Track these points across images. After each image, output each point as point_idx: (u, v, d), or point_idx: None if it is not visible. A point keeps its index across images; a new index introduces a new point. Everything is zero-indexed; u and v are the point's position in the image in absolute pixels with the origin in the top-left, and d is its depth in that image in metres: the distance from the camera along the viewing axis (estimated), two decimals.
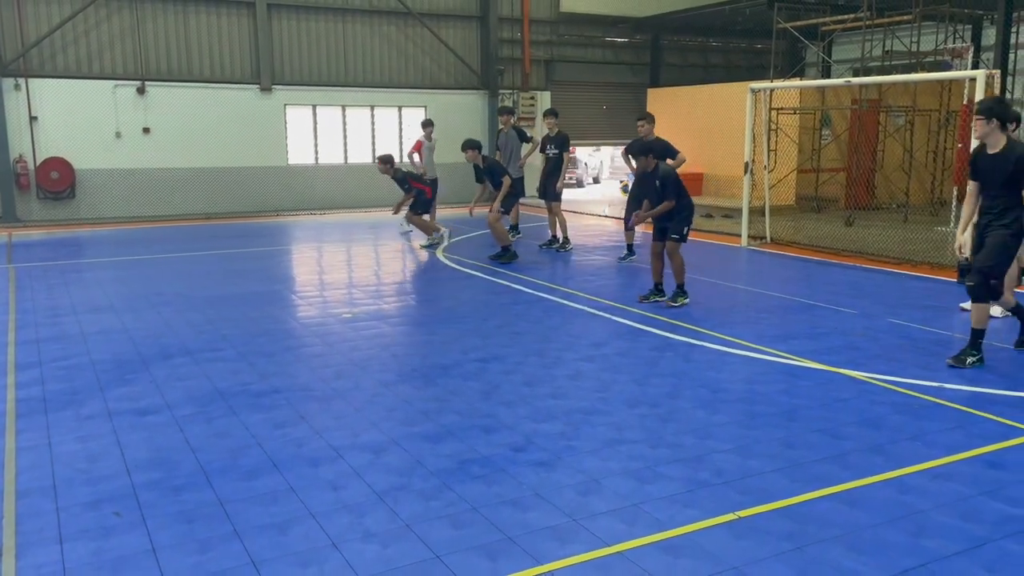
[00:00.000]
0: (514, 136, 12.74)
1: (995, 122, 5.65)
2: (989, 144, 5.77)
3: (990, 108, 5.70)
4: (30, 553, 3.41)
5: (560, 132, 11.76)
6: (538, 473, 4.19)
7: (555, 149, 11.72)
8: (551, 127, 11.81)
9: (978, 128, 5.75)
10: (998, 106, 5.75)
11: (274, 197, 18.14)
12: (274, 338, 7.11)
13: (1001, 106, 5.78)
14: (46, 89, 15.86)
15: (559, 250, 11.69)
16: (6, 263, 11.13)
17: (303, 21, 18.14)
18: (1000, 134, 5.70)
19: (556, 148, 11.71)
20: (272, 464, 4.34)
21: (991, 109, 5.69)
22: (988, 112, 5.68)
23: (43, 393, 5.49)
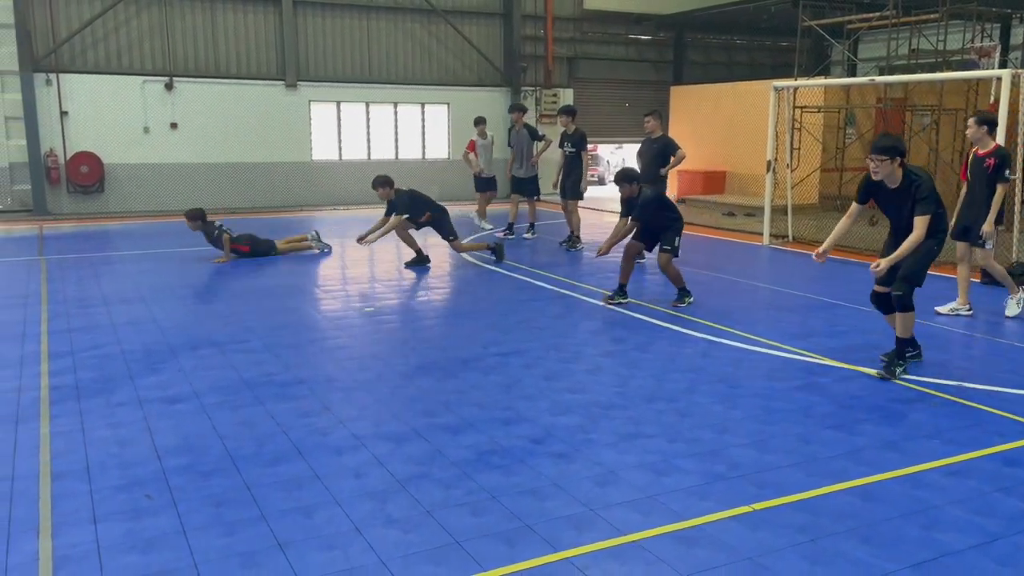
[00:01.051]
0: (525, 134, 12.68)
1: (897, 160, 5.35)
2: (888, 181, 5.47)
3: (892, 148, 5.35)
4: (65, 532, 3.54)
5: (577, 130, 11.67)
6: (557, 464, 4.27)
7: (572, 147, 11.63)
8: (567, 125, 11.71)
9: (880, 168, 5.38)
10: (900, 144, 5.49)
11: (298, 192, 18.34)
12: (298, 330, 7.24)
13: (901, 144, 5.52)
14: (76, 84, 16.14)
15: (569, 248, 11.61)
16: (38, 255, 11.37)
17: (328, 18, 18.31)
18: (899, 170, 5.41)
19: (573, 146, 11.63)
20: (297, 451, 4.45)
21: (894, 148, 5.35)
22: (891, 152, 5.33)
23: (75, 381, 5.64)
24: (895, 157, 5.33)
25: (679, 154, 10.15)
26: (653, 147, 10.24)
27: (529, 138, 12.68)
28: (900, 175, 5.44)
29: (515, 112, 12.80)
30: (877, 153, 5.35)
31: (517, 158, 12.71)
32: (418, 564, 3.30)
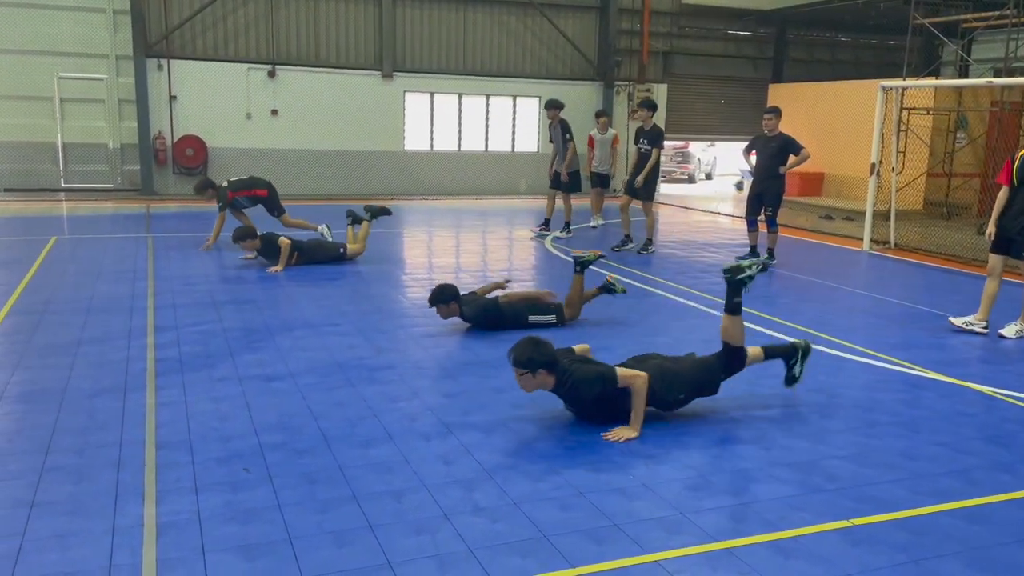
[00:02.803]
0: (559, 131, 12.36)
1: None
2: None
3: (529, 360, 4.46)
4: (169, 500, 3.68)
5: (654, 126, 11.08)
6: (647, 465, 4.20)
7: (647, 144, 10.93)
8: (644, 120, 11.10)
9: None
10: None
11: (389, 181, 18.66)
12: (388, 316, 7.36)
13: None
14: (185, 70, 16.81)
15: (641, 251, 11.03)
16: (145, 233, 11.90)
17: (426, 9, 18.53)
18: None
19: (648, 143, 10.93)
20: (387, 435, 4.52)
21: (530, 360, 4.46)
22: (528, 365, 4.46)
23: (179, 355, 5.88)
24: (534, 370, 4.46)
25: (803, 154, 9.84)
26: (771, 145, 9.98)
27: (562, 134, 12.33)
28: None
29: (551, 109, 12.41)
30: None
31: (556, 153, 12.45)
32: (505, 555, 3.30)
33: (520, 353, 4.45)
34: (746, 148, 10.52)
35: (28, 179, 16.34)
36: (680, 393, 4.74)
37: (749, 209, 10.49)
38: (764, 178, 10.17)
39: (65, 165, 16.57)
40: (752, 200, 10.43)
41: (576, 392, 4.53)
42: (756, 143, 10.32)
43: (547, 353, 4.45)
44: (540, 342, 4.51)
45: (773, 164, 10.00)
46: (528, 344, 4.48)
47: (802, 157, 9.90)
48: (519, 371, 4.46)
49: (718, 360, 4.87)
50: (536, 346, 4.46)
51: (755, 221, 10.48)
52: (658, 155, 10.90)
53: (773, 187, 10.15)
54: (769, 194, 10.20)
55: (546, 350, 4.46)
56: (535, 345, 4.47)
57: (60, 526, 3.40)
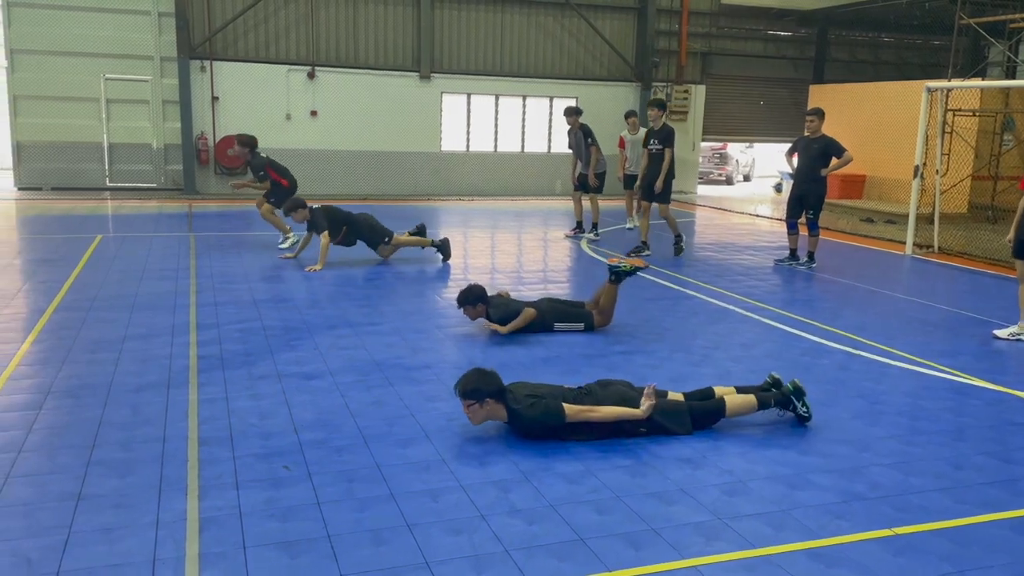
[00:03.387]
0: (580, 136, 12.29)
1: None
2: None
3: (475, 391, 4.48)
4: (211, 495, 3.74)
5: (665, 126, 10.63)
6: (683, 469, 4.17)
7: (658, 144, 10.60)
8: (655, 119, 10.74)
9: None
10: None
11: (426, 182, 18.76)
12: (425, 316, 7.40)
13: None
14: (227, 72, 17.07)
15: (676, 251, 10.88)
16: (187, 231, 12.11)
17: (463, 11, 18.60)
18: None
19: (659, 143, 10.60)
20: (424, 435, 4.54)
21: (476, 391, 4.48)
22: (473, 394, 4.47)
23: (220, 352, 5.97)
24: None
25: (845, 156, 9.70)
26: (813, 147, 9.85)
27: (583, 139, 12.26)
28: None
29: (570, 116, 12.31)
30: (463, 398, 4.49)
31: (577, 158, 12.43)
32: (542, 557, 3.30)
33: (465, 384, 4.43)
34: (788, 150, 10.39)
35: (75, 178, 16.71)
36: (641, 426, 4.55)
37: (789, 212, 10.36)
38: (806, 180, 10.04)
39: (110, 165, 16.93)
40: (793, 202, 10.30)
41: (530, 429, 4.46)
42: (798, 145, 10.19)
43: (493, 383, 4.43)
44: (486, 372, 4.50)
45: (815, 166, 9.87)
46: (474, 374, 4.48)
47: (845, 160, 9.76)
48: (466, 402, 4.42)
49: (691, 403, 4.71)
50: (482, 376, 4.46)
51: (795, 224, 10.35)
52: (671, 155, 10.60)
53: (815, 190, 10.01)
54: (811, 197, 10.07)
55: (492, 380, 4.44)
56: (481, 375, 4.47)
57: (106, 519, 3.48)
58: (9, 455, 4.07)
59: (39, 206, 14.46)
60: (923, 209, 12.01)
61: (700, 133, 20.89)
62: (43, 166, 16.58)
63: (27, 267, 9.04)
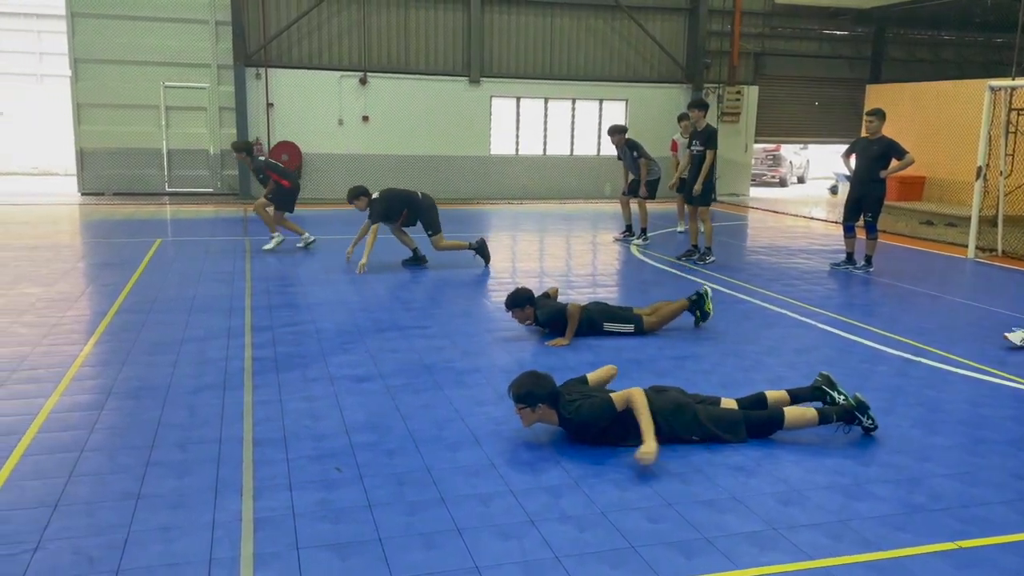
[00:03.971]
0: (627, 151, 12.29)
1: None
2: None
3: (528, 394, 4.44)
4: (265, 496, 3.79)
5: (708, 127, 10.39)
6: (736, 477, 4.10)
7: (700, 146, 10.35)
8: (697, 120, 10.52)
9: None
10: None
11: (475, 186, 18.84)
12: (474, 319, 7.42)
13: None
14: (282, 78, 17.39)
15: (699, 261, 10.49)
16: (242, 235, 12.35)
17: (513, 15, 18.64)
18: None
19: (701, 145, 10.34)
20: (474, 439, 4.55)
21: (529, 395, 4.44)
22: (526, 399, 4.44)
23: (275, 354, 6.07)
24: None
25: (907, 158, 9.47)
26: (873, 148, 9.63)
27: (630, 153, 12.24)
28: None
29: (614, 135, 12.23)
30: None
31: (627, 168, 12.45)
32: (593, 564, 3.27)
33: (519, 387, 4.39)
34: (846, 151, 10.17)
35: (136, 184, 17.20)
36: (694, 434, 4.49)
37: (847, 214, 10.14)
38: (864, 182, 9.80)
39: (169, 170, 17.38)
40: (850, 205, 10.08)
41: (584, 430, 4.42)
42: (856, 146, 9.96)
43: (546, 387, 4.39)
44: (540, 376, 4.46)
45: (874, 168, 9.64)
46: (527, 378, 4.45)
47: (906, 161, 9.51)
48: (518, 406, 4.40)
49: (746, 412, 4.61)
50: (536, 380, 4.42)
51: (852, 227, 10.12)
52: (713, 157, 10.34)
53: (873, 192, 9.78)
54: (869, 199, 9.83)
55: (546, 384, 4.41)
56: (535, 379, 4.43)
57: (164, 519, 3.55)
58: (73, 454, 4.20)
59: (101, 211, 14.90)
60: (986, 211, 11.64)
61: (752, 135, 20.59)
62: (105, 172, 17.10)
63: (90, 270, 9.33)
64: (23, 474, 3.95)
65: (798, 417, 4.60)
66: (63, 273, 9.04)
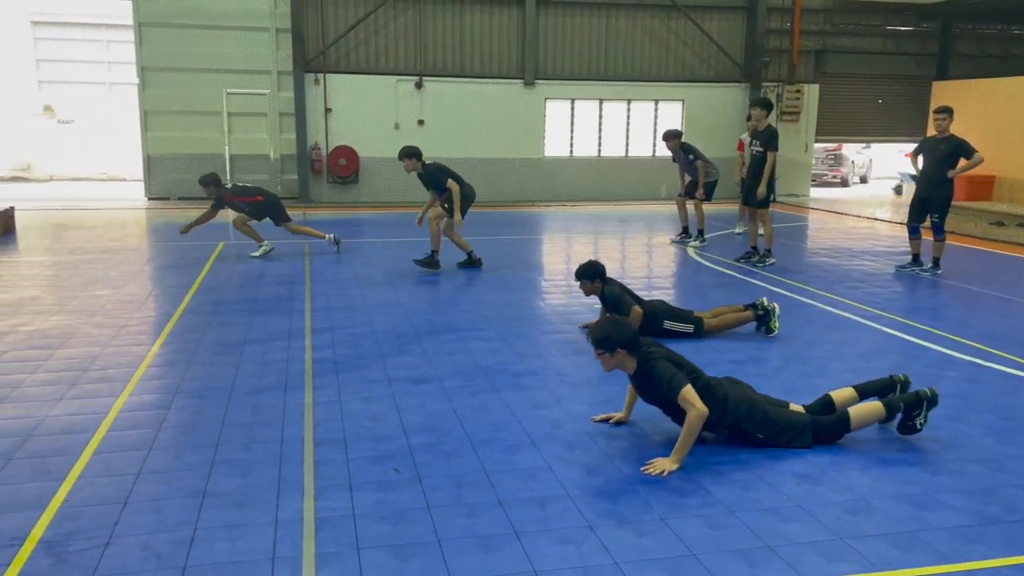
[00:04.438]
0: (682, 155, 12.21)
1: None
2: None
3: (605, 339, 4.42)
4: (326, 496, 3.84)
5: (769, 127, 10.09)
6: (800, 485, 4.01)
7: (760, 147, 10.10)
8: (758, 120, 10.11)
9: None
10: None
11: (529, 188, 18.85)
12: (529, 321, 7.42)
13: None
14: (339, 84, 17.66)
15: (758, 263, 10.26)
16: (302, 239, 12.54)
17: (568, 17, 18.61)
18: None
19: (761, 145, 10.08)
20: (531, 442, 4.54)
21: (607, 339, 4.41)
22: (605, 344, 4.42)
23: (334, 356, 6.15)
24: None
25: (976, 157, 9.17)
26: (941, 147, 9.34)
27: (685, 156, 12.17)
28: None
29: (669, 140, 12.13)
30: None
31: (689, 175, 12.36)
32: (653, 571, 3.23)
33: (597, 332, 4.42)
34: (914, 151, 9.88)
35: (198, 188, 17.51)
36: (760, 432, 4.41)
37: (912, 215, 9.85)
38: (931, 183, 9.51)
39: (231, 175, 17.78)
40: (916, 206, 9.79)
41: (647, 383, 4.42)
42: (923, 145, 9.68)
43: (626, 333, 4.38)
44: (620, 322, 4.54)
45: (942, 168, 9.34)
46: (607, 324, 4.50)
47: (975, 161, 9.20)
48: (597, 351, 4.42)
49: (814, 416, 4.50)
50: (616, 326, 4.44)
51: (918, 228, 9.83)
52: (773, 159, 10.08)
53: (940, 192, 9.48)
54: (936, 200, 9.53)
55: (625, 331, 4.41)
56: (614, 325, 4.47)
57: (229, 517, 3.63)
58: (141, 452, 4.32)
59: (167, 215, 15.33)
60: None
61: (813, 134, 20.17)
62: (171, 177, 17.59)
63: (156, 273, 9.60)
64: (95, 471, 4.08)
65: (865, 415, 4.51)
66: (131, 275, 9.32)
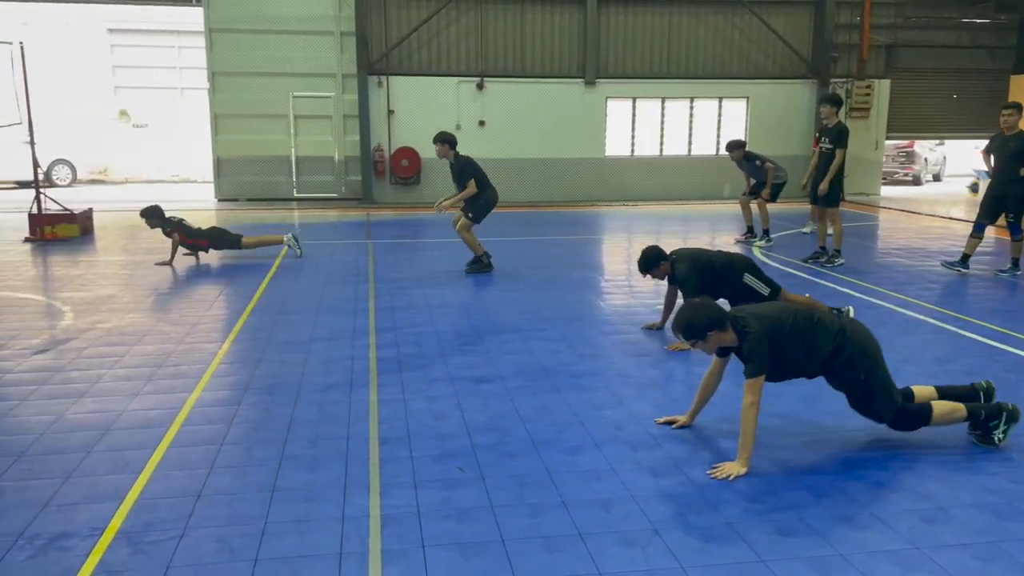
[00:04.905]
0: (746, 164, 12.12)
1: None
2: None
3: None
4: (391, 494, 3.88)
5: (838, 123, 9.91)
6: (875, 492, 3.89)
7: (828, 144, 9.89)
8: (828, 116, 9.94)
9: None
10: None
11: (590, 188, 18.77)
12: (590, 322, 7.38)
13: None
14: (402, 86, 17.87)
15: (826, 263, 9.99)
16: (365, 239, 12.75)
17: (630, 15, 18.47)
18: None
19: (830, 143, 9.87)
20: (594, 443, 4.51)
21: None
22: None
23: (397, 355, 6.22)
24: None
25: None
26: (1010, 145, 8.99)
27: (751, 163, 12.09)
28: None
29: (733, 151, 12.05)
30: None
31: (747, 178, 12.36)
32: None
33: (679, 323, 4.22)
34: (985, 148, 9.52)
35: (266, 190, 18.07)
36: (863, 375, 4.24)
37: (983, 212, 9.47)
38: (1003, 181, 9.15)
39: (297, 176, 18.18)
40: (988, 203, 9.42)
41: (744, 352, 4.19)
42: (994, 143, 9.31)
43: (708, 315, 4.16)
44: (697, 307, 4.26)
45: (1012, 166, 8.97)
46: (685, 312, 4.26)
47: None
48: (690, 342, 4.25)
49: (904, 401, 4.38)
50: (694, 311, 4.21)
51: (983, 226, 9.46)
52: (842, 157, 9.82)
53: (1014, 191, 9.10)
54: (1010, 199, 9.16)
55: (706, 313, 4.17)
56: (693, 311, 4.23)
57: (297, 511, 3.69)
58: (213, 447, 4.43)
59: (235, 216, 15.73)
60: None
61: (884, 131, 19.61)
62: (239, 179, 18.05)
63: (226, 272, 9.85)
64: (170, 464, 4.20)
65: (947, 413, 4.37)
66: (202, 274, 9.59)
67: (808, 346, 4.25)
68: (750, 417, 4.10)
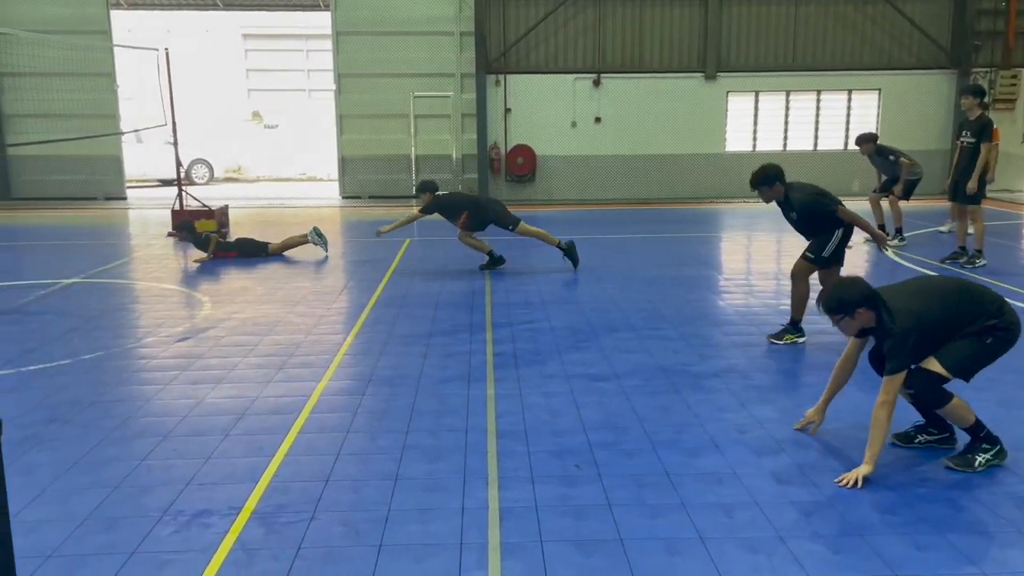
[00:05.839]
0: (878, 160, 11.38)
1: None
2: None
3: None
4: (509, 487, 3.92)
5: (981, 116, 9.32)
6: (1021, 508, 3.63)
7: (971, 138, 9.31)
8: (970, 109, 9.37)
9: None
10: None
11: (710, 184, 18.35)
12: (709, 321, 7.22)
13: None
14: (519, 84, 18.00)
15: (966, 264, 9.38)
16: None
17: (754, 7, 17.93)
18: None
19: (972, 137, 9.29)
20: (715, 445, 4.41)
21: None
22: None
23: (514, 350, 6.27)
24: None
25: None
26: None
27: (884, 159, 11.34)
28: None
29: (863, 144, 11.32)
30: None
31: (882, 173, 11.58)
32: None
33: (827, 299, 4.10)
34: None
35: (387, 188, 18.59)
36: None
37: None
38: None
39: (417, 174, 18.60)
40: None
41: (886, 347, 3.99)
42: None
43: (858, 292, 4.00)
44: (848, 283, 4.11)
45: None
46: (837, 287, 4.13)
47: None
48: (834, 317, 4.07)
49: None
50: (844, 288, 4.07)
51: None
52: (987, 151, 9.21)
53: None
54: None
55: (857, 289, 4.02)
56: (842, 287, 4.09)
57: (419, 500, 3.79)
58: (340, 435, 4.60)
59: (359, 213, 16.28)
60: None
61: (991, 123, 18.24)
62: (362, 177, 18.65)
63: (350, 267, 10.22)
64: (300, 449, 4.40)
65: (960, 408, 4.07)
66: (328, 269, 9.98)
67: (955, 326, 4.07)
68: (882, 416, 3.92)
